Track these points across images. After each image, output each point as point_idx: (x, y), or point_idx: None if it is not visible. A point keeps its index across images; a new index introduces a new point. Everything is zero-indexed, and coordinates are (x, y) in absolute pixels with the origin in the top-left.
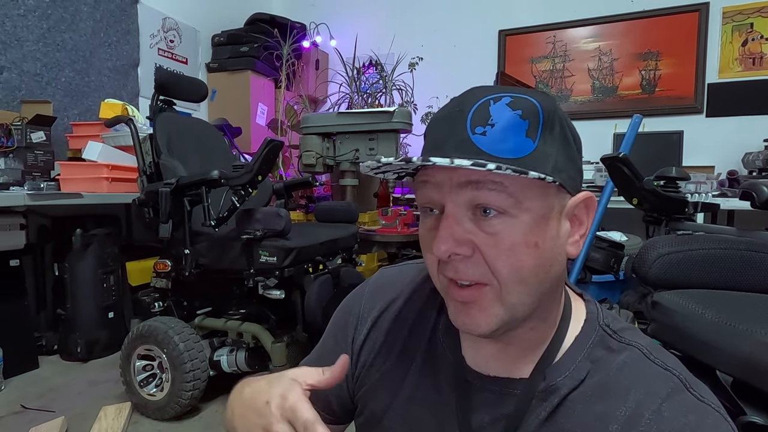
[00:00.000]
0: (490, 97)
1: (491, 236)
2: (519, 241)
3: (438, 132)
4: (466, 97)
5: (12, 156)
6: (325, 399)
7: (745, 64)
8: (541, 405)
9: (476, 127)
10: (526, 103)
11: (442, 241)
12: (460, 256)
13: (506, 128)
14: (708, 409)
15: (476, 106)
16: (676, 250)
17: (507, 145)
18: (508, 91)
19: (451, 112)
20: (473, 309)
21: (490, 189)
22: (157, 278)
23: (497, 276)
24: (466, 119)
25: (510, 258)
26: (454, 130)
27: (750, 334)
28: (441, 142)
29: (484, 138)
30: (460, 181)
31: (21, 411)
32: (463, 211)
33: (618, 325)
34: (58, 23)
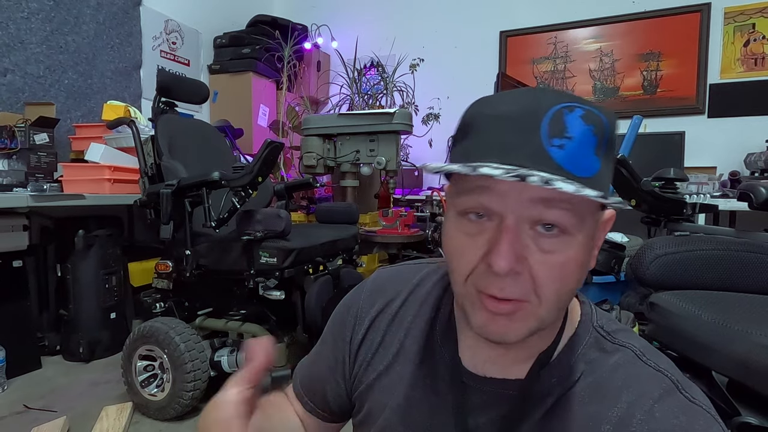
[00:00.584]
0: (564, 106)
1: (546, 254)
2: (571, 260)
3: (504, 133)
4: (537, 99)
5: (15, 157)
6: (323, 398)
7: (747, 64)
8: (535, 406)
9: (553, 138)
10: (597, 118)
11: (505, 257)
12: (513, 272)
13: (582, 143)
14: (699, 410)
15: (551, 113)
16: (674, 251)
17: (582, 163)
18: (577, 100)
19: (520, 113)
20: (505, 320)
21: (562, 208)
22: (158, 279)
23: (540, 295)
24: (541, 127)
25: (559, 278)
26: (527, 137)
27: (746, 335)
28: (511, 147)
29: (561, 152)
30: (532, 197)
31: (23, 411)
32: (524, 225)
33: (612, 326)
34: (61, 26)
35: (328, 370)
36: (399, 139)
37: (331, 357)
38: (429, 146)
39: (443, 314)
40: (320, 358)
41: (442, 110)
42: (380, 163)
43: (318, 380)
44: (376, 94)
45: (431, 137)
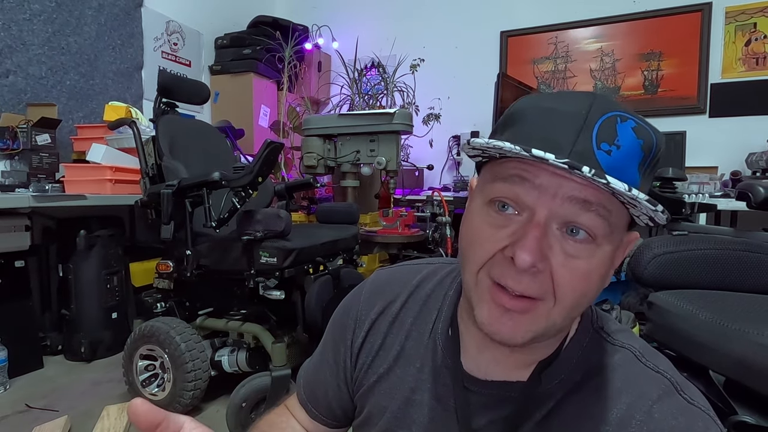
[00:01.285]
0: (618, 114)
1: (570, 258)
2: (594, 270)
3: (555, 128)
4: (594, 101)
5: (17, 158)
6: (327, 405)
7: (749, 64)
8: (537, 407)
9: (602, 142)
10: (648, 135)
11: (530, 251)
12: (535, 269)
13: (628, 155)
14: (698, 411)
15: (605, 118)
16: (672, 250)
17: (623, 174)
18: (631, 113)
19: (575, 112)
20: (514, 319)
21: (599, 214)
22: (159, 279)
23: (557, 297)
24: (593, 128)
25: (580, 285)
26: (578, 135)
27: (743, 334)
28: (562, 143)
29: (608, 157)
30: (572, 195)
31: (25, 410)
32: (553, 223)
33: (612, 326)
34: (63, 27)
35: (330, 375)
36: (399, 139)
37: (333, 361)
38: (429, 146)
39: (445, 316)
40: (322, 364)
41: (442, 110)
42: (380, 163)
43: (321, 386)
44: (376, 94)
45: (432, 137)
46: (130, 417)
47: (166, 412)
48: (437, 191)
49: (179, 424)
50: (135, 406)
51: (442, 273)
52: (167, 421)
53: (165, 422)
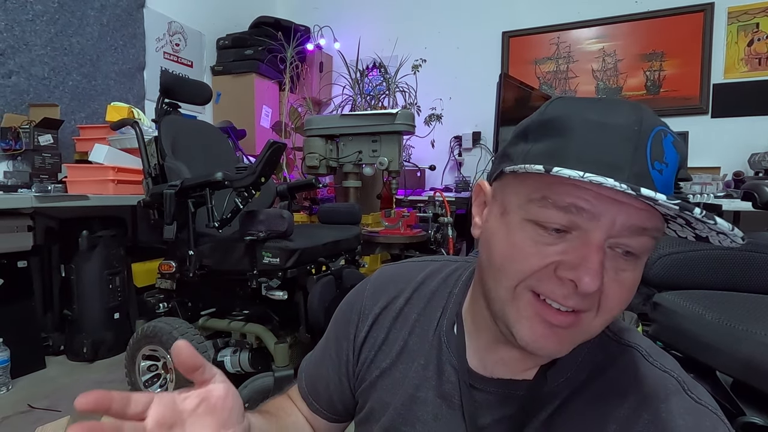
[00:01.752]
0: (661, 129)
1: (620, 273)
2: (636, 280)
3: (609, 146)
4: (641, 115)
5: (20, 159)
6: (328, 398)
7: (751, 64)
8: (542, 406)
9: (655, 161)
10: (682, 148)
11: (596, 275)
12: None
13: (673, 171)
14: (706, 411)
15: (653, 135)
16: (677, 250)
17: (669, 190)
18: (665, 125)
19: (626, 127)
20: (559, 334)
21: (652, 236)
22: (161, 279)
23: (603, 308)
24: (647, 147)
25: (627, 296)
26: (634, 155)
27: (750, 335)
28: (618, 164)
29: (660, 177)
30: (631, 224)
31: (28, 410)
32: (607, 242)
33: (618, 326)
34: (65, 28)
35: (332, 369)
36: (401, 139)
37: (335, 356)
38: (431, 147)
39: (450, 314)
40: (324, 358)
41: (444, 111)
42: (383, 163)
43: (322, 380)
44: (378, 94)
45: (433, 138)
46: (173, 355)
47: (204, 360)
48: (439, 192)
49: (212, 374)
50: (179, 347)
51: (447, 270)
52: (203, 368)
53: (201, 368)
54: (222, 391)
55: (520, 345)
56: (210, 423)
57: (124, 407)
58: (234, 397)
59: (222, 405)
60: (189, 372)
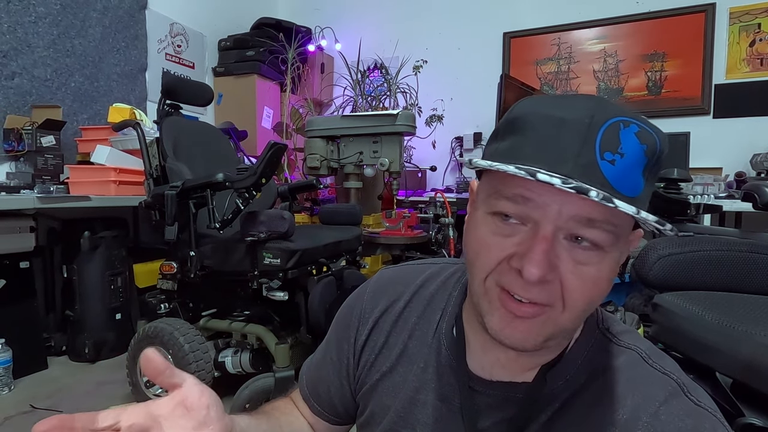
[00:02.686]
0: (620, 120)
1: (578, 265)
2: (603, 276)
3: (558, 140)
4: (595, 108)
5: (23, 160)
6: (329, 401)
7: (753, 64)
8: (542, 409)
9: (605, 152)
10: (651, 138)
11: (538, 265)
12: (544, 280)
13: (633, 162)
14: (705, 413)
15: (607, 126)
16: (677, 251)
17: (628, 182)
18: (634, 116)
19: (577, 120)
20: (525, 324)
21: (604, 230)
22: (163, 280)
23: (566, 302)
24: (596, 138)
25: (590, 291)
26: (581, 147)
27: (750, 336)
28: (563, 157)
29: (612, 168)
30: (575, 215)
31: (30, 411)
32: (559, 234)
33: (617, 328)
34: (67, 29)
35: (333, 372)
36: (402, 140)
37: (336, 359)
38: (432, 148)
39: (449, 316)
40: (325, 361)
41: (445, 112)
42: (383, 164)
43: (323, 383)
44: (379, 95)
45: (434, 138)
46: (142, 364)
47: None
48: (440, 192)
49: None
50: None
51: (447, 273)
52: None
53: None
54: (196, 392)
55: (491, 336)
56: (187, 423)
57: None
58: (210, 395)
59: (197, 404)
60: (158, 377)
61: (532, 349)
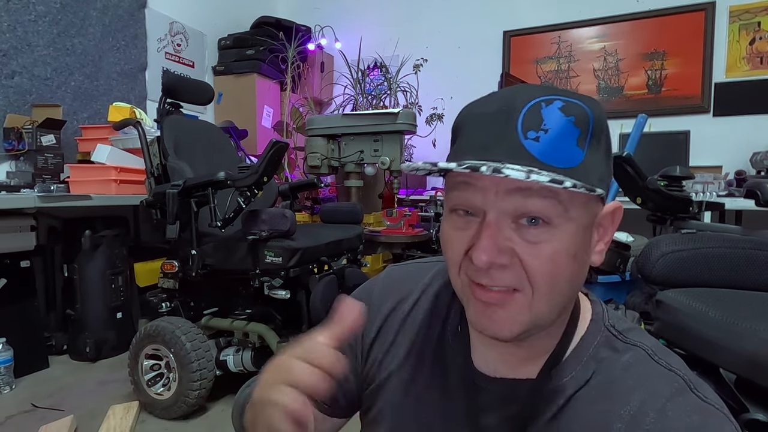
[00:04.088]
0: (542, 99)
1: (533, 245)
2: (561, 251)
3: (483, 131)
4: (515, 95)
5: (23, 159)
6: (333, 394)
7: (753, 63)
8: (547, 405)
9: (528, 131)
10: (578, 109)
11: (485, 251)
12: (497, 265)
13: (560, 135)
14: (712, 409)
15: (527, 108)
16: (680, 248)
17: (561, 154)
18: (557, 93)
19: (498, 111)
20: (498, 312)
21: (542, 196)
22: (164, 279)
23: (533, 284)
24: (517, 121)
25: (550, 268)
26: (503, 132)
27: (754, 332)
28: (489, 144)
29: (537, 144)
30: (509, 188)
31: (31, 410)
32: (505, 219)
33: (623, 325)
34: (67, 28)
35: None
36: (403, 139)
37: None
38: (433, 146)
39: (455, 313)
40: None
41: (445, 110)
42: (384, 163)
43: None
44: (379, 94)
45: (435, 137)
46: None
47: None
48: (440, 191)
49: None
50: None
51: None
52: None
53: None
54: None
55: (473, 327)
56: None
57: None
58: None
59: None
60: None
61: (510, 337)
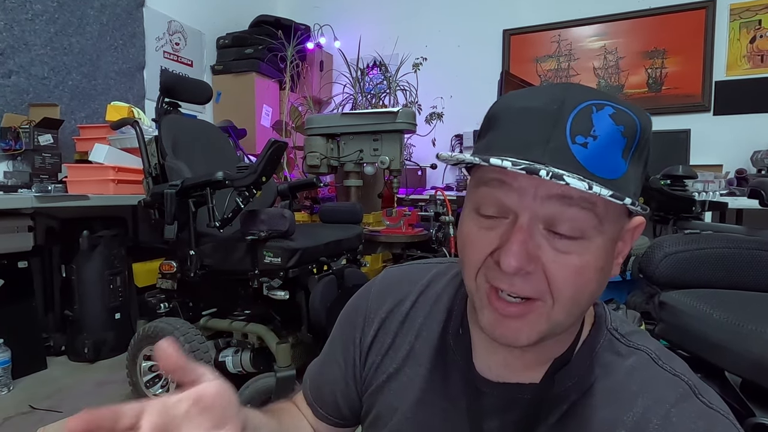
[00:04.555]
0: (593, 103)
1: (562, 255)
2: (590, 264)
3: (527, 128)
4: (566, 94)
5: (20, 159)
6: (334, 403)
7: (754, 61)
8: (550, 410)
9: (577, 135)
10: (628, 119)
11: (515, 256)
12: (523, 272)
13: (608, 144)
14: (717, 415)
15: (578, 110)
16: (684, 249)
17: (605, 163)
18: (608, 98)
19: (545, 108)
20: (516, 322)
21: (582, 207)
22: (162, 279)
23: (555, 295)
24: (566, 123)
25: (577, 280)
26: (550, 132)
27: (759, 334)
28: (532, 142)
29: (584, 150)
30: (548, 193)
31: (29, 411)
32: (538, 224)
33: (626, 328)
34: (65, 27)
35: (338, 374)
36: (402, 138)
37: (341, 360)
38: (432, 145)
39: (456, 316)
40: (329, 363)
41: (445, 109)
42: (384, 162)
43: (328, 385)
44: (379, 93)
45: (434, 136)
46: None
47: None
48: (440, 190)
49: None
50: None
51: (453, 272)
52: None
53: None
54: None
55: (485, 333)
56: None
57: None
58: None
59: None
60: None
61: (526, 344)
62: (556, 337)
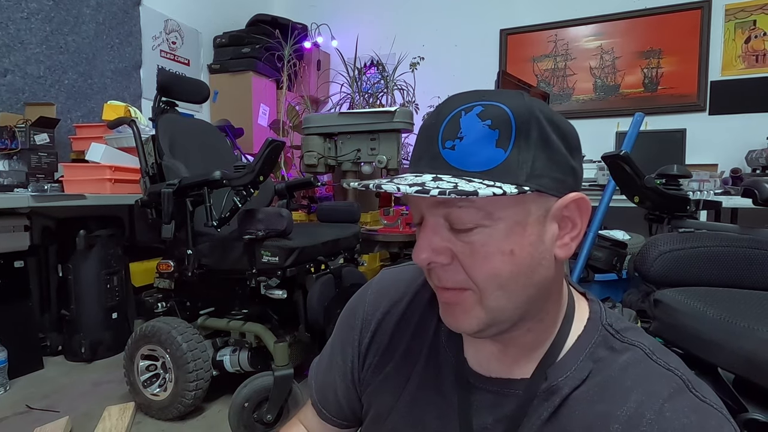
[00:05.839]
0: (462, 108)
1: (467, 245)
2: (493, 250)
3: (420, 143)
4: (442, 107)
5: (16, 158)
6: (337, 403)
7: (748, 61)
8: (542, 405)
9: (446, 141)
10: (496, 111)
11: (421, 250)
12: (438, 264)
13: (475, 141)
14: (711, 410)
15: (448, 119)
16: (678, 247)
17: (476, 158)
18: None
19: (429, 124)
20: (456, 310)
21: (459, 206)
22: (160, 279)
23: (476, 282)
24: (438, 133)
25: (486, 266)
26: (429, 144)
27: (752, 331)
28: (419, 156)
29: (452, 152)
30: (432, 201)
31: (26, 411)
32: (441, 221)
33: (621, 324)
34: (61, 26)
35: (339, 376)
36: (400, 137)
37: (341, 362)
38: None
39: None
40: (331, 366)
41: None
42: (381, 161)
43: (331, 387)
44: (376, 92)
45: None
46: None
47: None
48: None
49: None
50: None
51: None
52: None
53: None
54: None
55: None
56: None
57: None
58: None
59: None
60: None
61: (471, 331)
62: (523, 327)
